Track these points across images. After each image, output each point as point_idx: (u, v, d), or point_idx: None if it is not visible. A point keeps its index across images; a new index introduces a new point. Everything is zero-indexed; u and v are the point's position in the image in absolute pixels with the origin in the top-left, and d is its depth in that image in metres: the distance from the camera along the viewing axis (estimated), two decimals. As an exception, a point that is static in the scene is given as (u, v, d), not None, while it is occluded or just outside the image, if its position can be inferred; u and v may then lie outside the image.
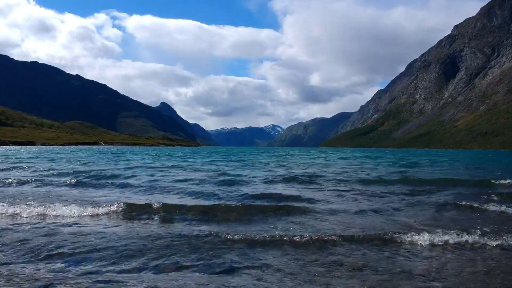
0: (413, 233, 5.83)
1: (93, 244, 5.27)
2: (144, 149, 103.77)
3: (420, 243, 5.51)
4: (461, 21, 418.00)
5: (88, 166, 21.43)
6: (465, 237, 5.69)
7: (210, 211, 7.84)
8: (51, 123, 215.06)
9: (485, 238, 5.69)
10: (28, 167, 19.37)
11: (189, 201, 9.24)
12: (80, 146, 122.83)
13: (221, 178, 14.83)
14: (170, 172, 17.79)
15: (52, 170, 17.79)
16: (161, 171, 18.61)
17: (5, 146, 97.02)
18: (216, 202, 8.95)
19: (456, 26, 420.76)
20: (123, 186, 12.11)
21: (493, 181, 13.70)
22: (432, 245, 5.49)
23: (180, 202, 9.04)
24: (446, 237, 5.69)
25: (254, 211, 7.92)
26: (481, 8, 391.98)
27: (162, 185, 12.38)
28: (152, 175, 15.95)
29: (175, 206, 8.16)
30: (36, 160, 27.34)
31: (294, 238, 5.63)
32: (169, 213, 7.64)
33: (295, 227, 6.57)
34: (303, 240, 5.57)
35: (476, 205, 8.57)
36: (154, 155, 44.59)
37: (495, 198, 9.70)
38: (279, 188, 12.02)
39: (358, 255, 4.99)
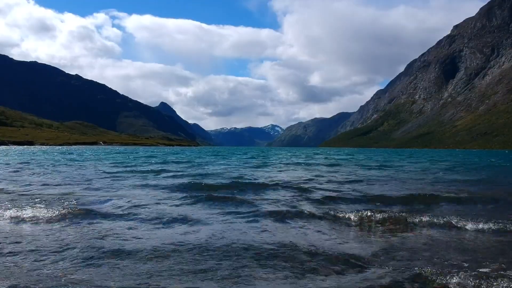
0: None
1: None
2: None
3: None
4: (461, 21, 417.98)
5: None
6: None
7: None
8: (50, 123, 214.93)
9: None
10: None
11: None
12: (80, 146, 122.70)
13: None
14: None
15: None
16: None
17: (4, 146, 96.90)
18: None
19: (455, 26, 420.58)
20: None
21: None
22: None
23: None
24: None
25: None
26: (481, 8, 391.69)
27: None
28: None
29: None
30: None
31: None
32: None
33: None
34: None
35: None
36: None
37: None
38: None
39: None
